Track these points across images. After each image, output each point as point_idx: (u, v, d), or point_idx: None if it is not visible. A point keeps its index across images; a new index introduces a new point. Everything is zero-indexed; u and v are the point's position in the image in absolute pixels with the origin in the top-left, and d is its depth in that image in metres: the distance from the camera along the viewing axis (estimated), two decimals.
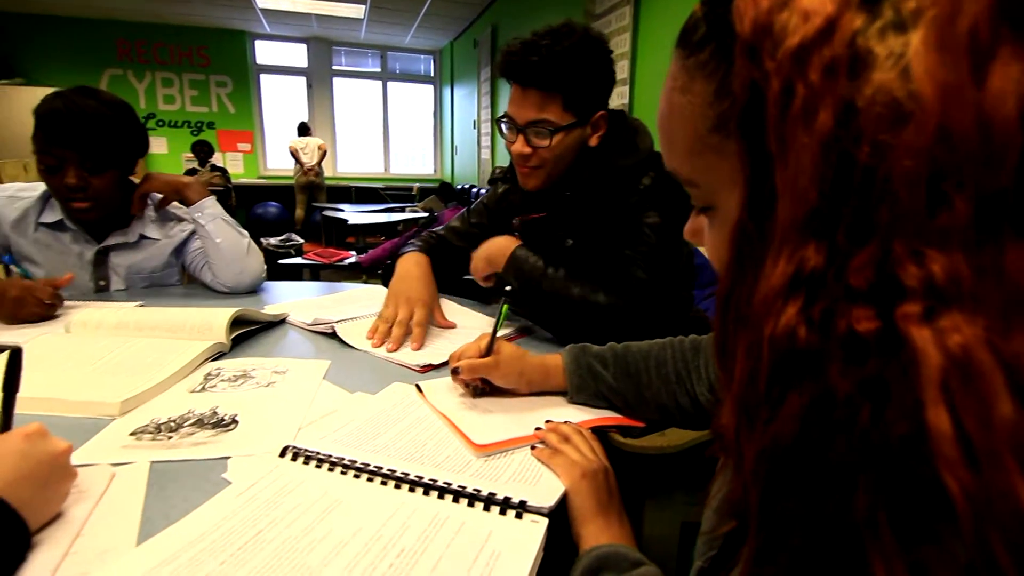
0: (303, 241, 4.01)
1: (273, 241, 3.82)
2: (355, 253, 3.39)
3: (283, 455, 0.58)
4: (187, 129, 6.92)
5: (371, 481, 0.54)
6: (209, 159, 5.85)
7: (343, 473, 0.55)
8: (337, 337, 0.98)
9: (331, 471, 0.56)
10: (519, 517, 0.50)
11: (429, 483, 0.53)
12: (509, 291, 0.79)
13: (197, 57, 6.81)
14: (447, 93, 7.65)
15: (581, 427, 0.66)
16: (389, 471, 0.55)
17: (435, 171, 8.25)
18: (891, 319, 0.20)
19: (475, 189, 6.02)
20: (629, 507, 0.57)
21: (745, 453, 0.25)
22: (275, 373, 0.81)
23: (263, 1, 5.58)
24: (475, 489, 0.53)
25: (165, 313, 0.97)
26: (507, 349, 0.74)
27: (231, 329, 0.93)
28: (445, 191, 5.91)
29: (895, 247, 0.20)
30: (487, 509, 0.51)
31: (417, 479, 0.54)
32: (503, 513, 0.50)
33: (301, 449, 0.59)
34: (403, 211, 5.09)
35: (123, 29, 6.40)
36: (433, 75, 7.95)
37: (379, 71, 7.72)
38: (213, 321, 0.93)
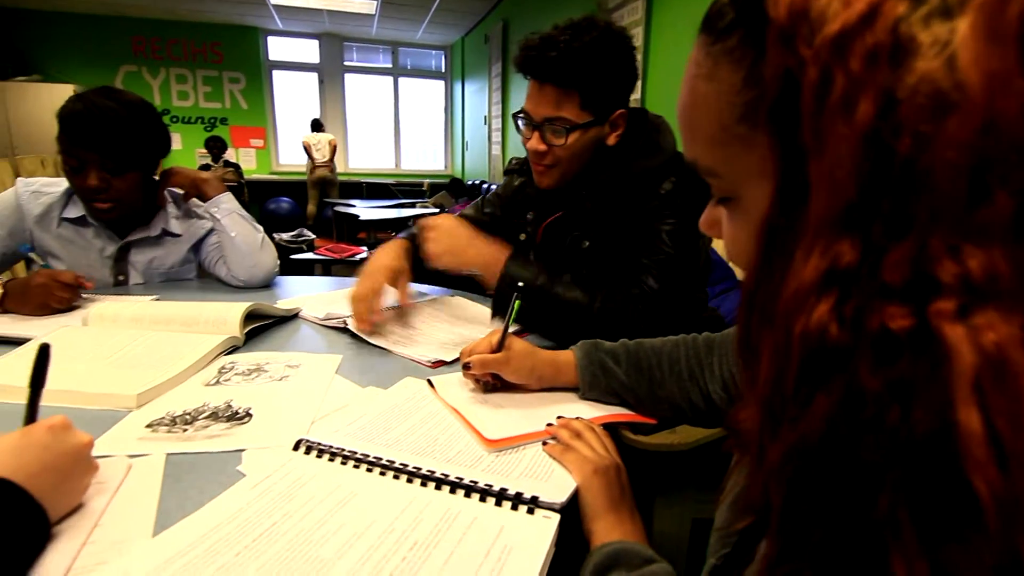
0: (315, 236, 4.03)
1: (285, 236, 3.84)
2: (366, 249, 3.40)
3: (296, 448, 0.59)
4: (200, 125, 6.98)
5: (384, 475, 0.55)
6: (222, 155, 5.90)
7: (356, 467, 0.56)
8: (349, 331, 0.98)
9: (344, 464, 0.56)
10: (531, 513, 0.50)
11: (441, 478, 0.54)
12: (522, 287, 0.79)
13: (210, 53, 6.87)
14: (458, 89, 7.65)
15: (593, 423, 0.66)
16: (401, 465, 0.55)
17: (446, 167, 8.25)
18: (924, 316, 0.20)
19: (485, 185, 6.02)
20: (639, 504, 0.57)
21: (769, 452, 0.25)
22: (288, 367, 0.82)
23: None
24: (487, 484, 0.53)
25: (180, 307, 0.99)
26: (518, 345, 0.74)
27: (245, 323, 0.94)
28: (455, 187, 5.92)
29: (932, 242, 0.20)
30: (499, 504, 0.51)
31: (429, 473, 0.54)
32: (515, 508, 0.50)
33: (314, 443, 0.59)
34: (414, 207, 5.10)
35: (138, 26, 6.47)
36: (444, 71, 7.94)
37: (390, 67, 7.74)
38: (227, 315, 0.94)
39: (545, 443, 0.63)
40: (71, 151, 1.09)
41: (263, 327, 1.00)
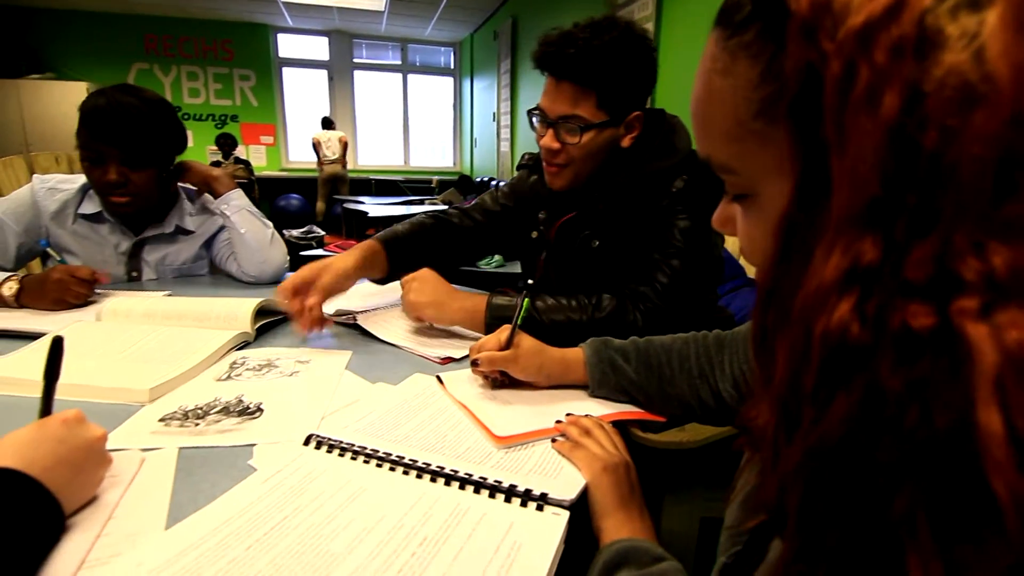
0: (324, 233, 4.05)
1: (295, 233, 3.87)
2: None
3: (307, 443, 0.59)
4: (211, 122, 7.03)
5: (393, 470, 0.55)
6: (232, 152, 5.94)
7: (366, 462, 0.56)
8: (359, 327, 0.99)
9: (354, 460, 0.56)
10: (540, 509, 0.50)
11: (451, 473, 0.54)
12: (531, 284, 0.79)
13: (221, 51, 6.91)
14: (467, 85, 7.64)
15: (602, 421, 0.66)
16: (411, 461, 0.56)
17: (454, 164, 8.25)
18: (946, 315, 0.19)
19: (494, 182, 6.01)
20: (648, 502, 0.57)
21: (786, 452, 0.25)
22: (299, 363, 0.82)
23: None
24: (496, 480, 0.53)
25: (192, 302, 0.99)
26: (527, 342, 0.74)
27: (256, 319, 0.95)
28: (464, 184, 5.91)
29: (956, 239, 0.19)
30: (508, 501, 0.51)
31: (439, 469, 0.54)
32: (524, 505, 0.50)
33: (324, 438, 0.59)
34: (422, 204, 5.10)
35: (150, 23, 6.51)
36: (453, 67, 7.94)
37: (399, 63, 7.74)
38: (238, 311, 0.95)
39: (554, 440, 0.63)
40: (91, 145, 1.11)
41: (274, 323, 1.01)
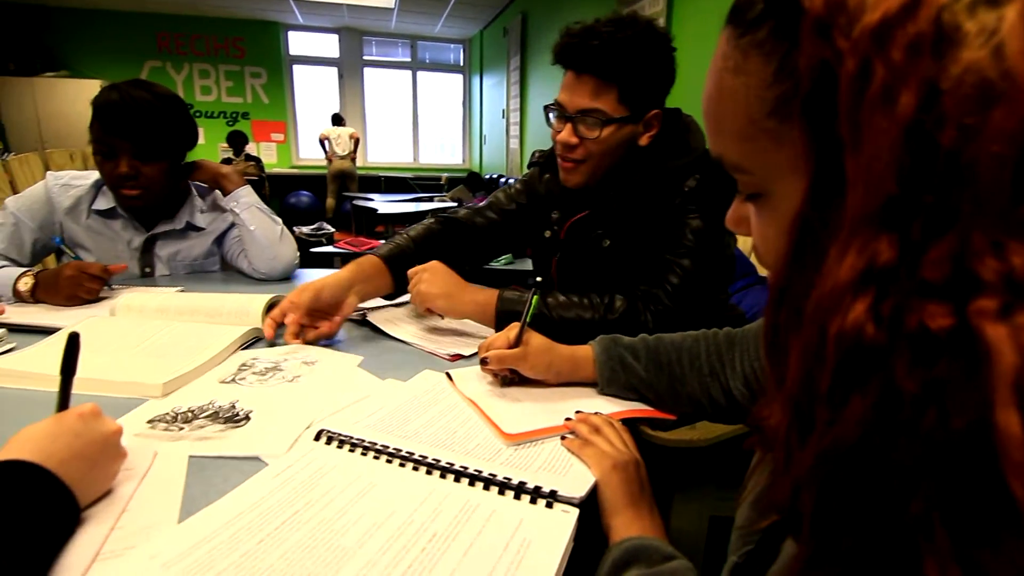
0: (334, 230, 4.07)
1: (305, 230, 3.89)
2: (384, 242, 3.42)
3: (318, 439, 0.59)
4: (223, 119, 7.08)
5: (403, 466, 0.55)
6: (243, 149, 5.98)
7: (376, 458, 0.56)
8: (368, 323, 0.99)
9: (364, 455, 0.57)
10: (550, 507, 0.50)
11: (460, 470, 0.54)
12: (540, 282, 0.79)
13: (232, 49, 6.96)
14: (476, 82, 7.64)
15: (612, 418, 0.65)
16: (421, 457, 0.56)
17: (463, 160, 8.26)
18: (964, 315, 0.19)
19: (503, 179, 6.01)
20: (657, 500, 0.57)
21: (799, 454, 0.24)
22: (304, 364, 0.80)
23: None
24: (506, 477, 0.53)
25: (204, 298, 1.00)
26: (536, 340, 0.74)
27: (267, 314, 0.95)
28: (473, 180, 5.91)
29: (974, 238, 0.19)
30: (518, 497, 0.51)
31: (448, 466, 0.54)
32: (534, 502, 0.50)
33: (335, 433, 0.60)
34: (431, 201, 5.11)
35: (162, 21, 6.57)
36: (462, 64, 7.94)
37: (409, 60, 7.75)
38: (249, 307, 0.95)
39: (563, 438, 0.63)
40: (103, 139, 1.12)
41: None
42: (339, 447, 0.58)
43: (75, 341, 0.53)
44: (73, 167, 1.66)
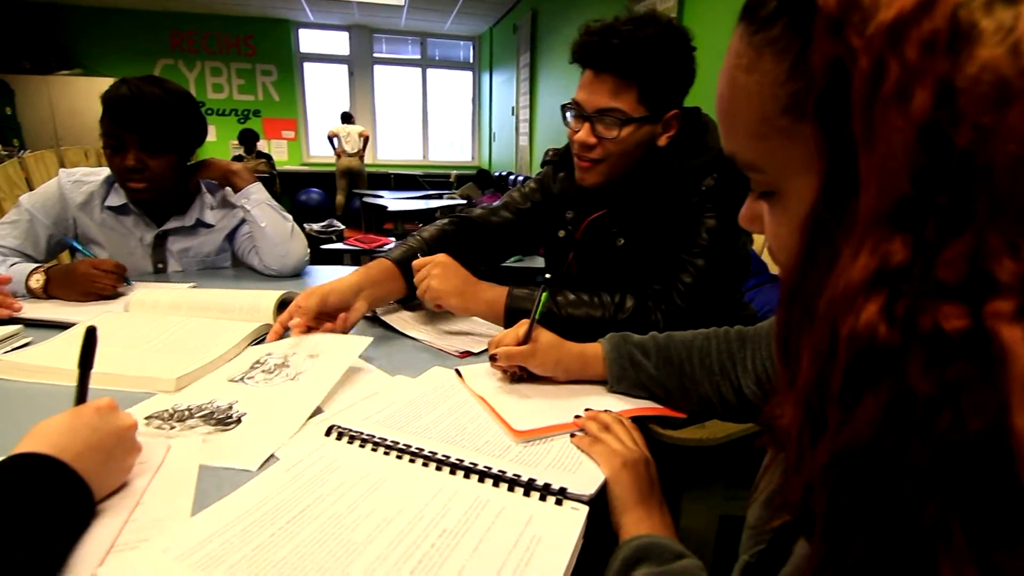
0: (344, 227, 4.09)
1: (316, 227, 3.90)
2: (394, 239, 3.43)
3: (328, 434, 0.60)
4: (234, 117, 7.13)
5: (413, 462, 0.55)
6: (255, 146, 6.02)
7: (386, 453, 0.57)
8: (379, 320, 1.00)
9: (374, 451, 0.57)
10: (559, 504, 0.50)
11: (470, 466, 0.54)
12: (549, 279, 0.78)
13: (244, 46, 7.00)
14: (485, 79, 7.63)
15: (621, 416, 0.65)
16: (430, 453, 0.56)
17: (473, 158, 8.26)
18: (979, 317, 0.19)
19: (512, 176, 6.00)
20: (666, 499, 0.57)
21: (811, 454, 0.24)
22: (310, 358, 0.79)
23: None
24: (515, 474, 0.53)
25: (216, 294, 1.01)
26: (545, 337, 0.74)
27: (278, 310, 0.96)
28: (482, 178, 5.91)
29: (990, 239, 0.19)
30: (527, 495, 0.51)
31: (458, 462, 0.55)
32: (543, 499, 0.50)
33: (345, 429, 0.60)
34: (440, 198, 5.12)
35: (175, 20, 6.62)
36: (472, 61, 7.93)
37: (419, 58, 7.76)
38: (261, 303, 0.96)
39: (573, 435, 0.63)
40: (112, 132, 1.14)
41: None
42: (349, 443, 0.58)
43: (93, 336, 0.53)
44: (87, 164, 1.68)
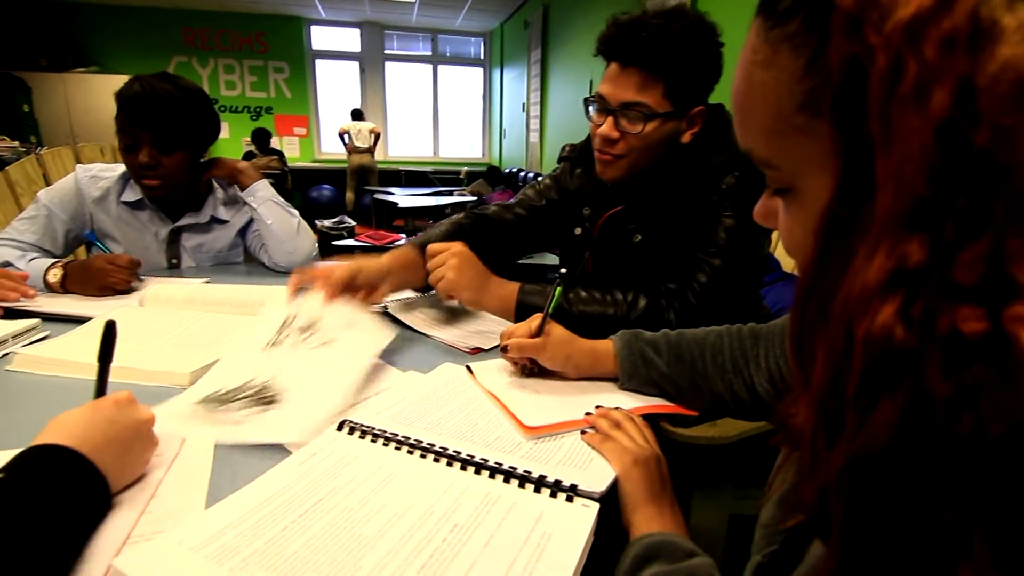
0: (355, 224, 4.11)
1: (327, 223, 3.92)
2: (404, 236, 3.44)
3: (340, 429, 0.60)
4: (247, 114, 7.18)
5: (424, 458, 0.55)
6: (267, 144, 6.07)
7: (397, 448, 0.57)
8: (390, 316, 1.00)
9: (386, 446, 0.57)
10: (570, 501, 0.50)
11: (481, 462, 0.54)
12: (564, 274, 0.78)
13: (256, 44, 7.04)
14: (496, 76, 7.62)
15: (632, 414, 0.65)
16: (441, 449, 0.56)
17: (483, 155, 8.26)
18: (998, 320, 0.19)
19: (523, 173, 5.99)
20: (677, 497, 0.56)
21: (827, 457, 0.24)
22: (347, 327, 0.80)
23: None
24: (526, 470, 0.53)
25: (229, 290, 1.02)
26: (557, 332, 0.74)
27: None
28: (493, 175, 5.91)
29: (1010, 242, 0.19)
30: (538, 491, 0.51)
31: (469, 458, 0.55)
32: (554, 496, 0.50)
33: (357, 424, 0.60)
34: (451, 195, 5.12)
35: (188, 17, 6.68)
36: (483, 58, 7.92)
37: (430, 55, 7.76)
38: (273, 298, 0.96)
39: (584, 432, 0.63)
40: (127, 129, 1.15)
41: None
42: (361, 437, 0.59)
43: (112, 329, 0.54)
44: (103, 161, 1.69)
